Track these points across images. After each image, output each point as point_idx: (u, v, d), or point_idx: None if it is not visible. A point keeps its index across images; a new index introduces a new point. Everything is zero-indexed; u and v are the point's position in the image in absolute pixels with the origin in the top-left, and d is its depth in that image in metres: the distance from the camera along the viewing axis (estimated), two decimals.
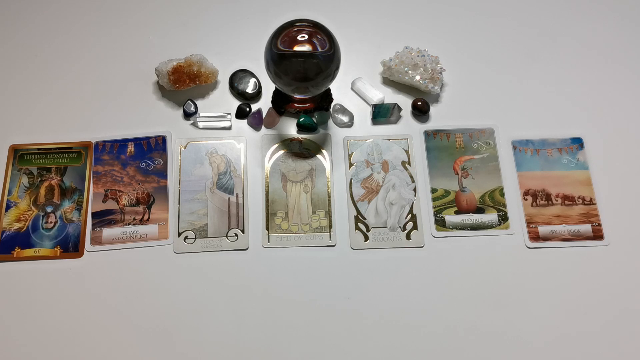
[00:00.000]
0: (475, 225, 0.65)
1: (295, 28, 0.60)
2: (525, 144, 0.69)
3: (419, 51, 0.71)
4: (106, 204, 0.65)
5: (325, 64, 0.60)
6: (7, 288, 0.61)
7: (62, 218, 0.64)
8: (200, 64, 0.70)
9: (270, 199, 0.66)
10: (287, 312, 0.60)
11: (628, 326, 0.59)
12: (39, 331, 0.59)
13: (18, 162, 0.67)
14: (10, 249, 0.63)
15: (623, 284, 0.61)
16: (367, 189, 0.67)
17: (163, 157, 0.68)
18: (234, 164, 0.67)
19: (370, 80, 0.73)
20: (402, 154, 0.68)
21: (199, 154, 0.68)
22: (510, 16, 0.78)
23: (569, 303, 0.61)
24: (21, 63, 0.73)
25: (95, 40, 0.75)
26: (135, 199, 0.65)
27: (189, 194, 0.66)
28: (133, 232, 0.64)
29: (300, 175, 0.67)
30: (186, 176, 0.67)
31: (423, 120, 0.71)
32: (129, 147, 0.68)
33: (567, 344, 0.59)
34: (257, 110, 0.70)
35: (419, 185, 0.67)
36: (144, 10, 0.77)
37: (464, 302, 0.58)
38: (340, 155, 0.68)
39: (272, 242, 0.63)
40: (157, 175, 0.67)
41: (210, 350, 0.58)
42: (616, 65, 0.74)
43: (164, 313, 0.60)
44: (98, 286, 0.61)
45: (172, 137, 0.69)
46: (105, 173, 0.67)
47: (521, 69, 0.74)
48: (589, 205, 0.65)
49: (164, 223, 0.64)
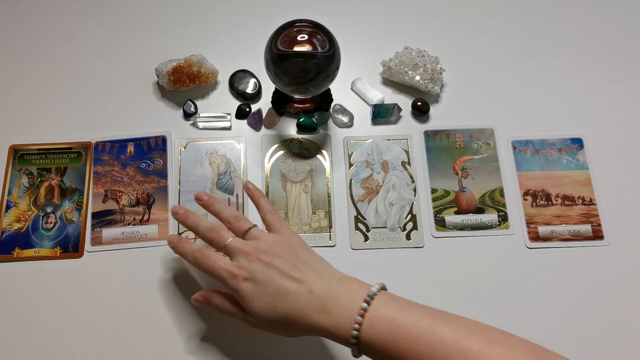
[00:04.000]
0: (475, 225, 0.65)
1: (295, 28, 0.60)
2: (525, 144, 0.69)
3: (419, 51, 0.71)
4: (106, 204, 0.65)
5: (325, 64, 0.60)
6: (7, 288, 0.61)
7: (62, 218, 0.64)
8: (200, 64, 0.69)
9: (270, 199, 0.66)
10: None
11: (628, 326, 0.59)
12: (39, 331, 0.59)
13: (18, 162, 0.67)
14: (10, 249, 0.63)
15: (623, 284, 0.61)
16: (367, 189, 0.67)
17: (163, 157, 0.68)
18: (234, 164, 0.67)
19: (370, 81, 0.73)
20: (402, 154, 0.68)
21: (198, 154, 0.68)
22: (510, 16, 0.78)
23: (569, 303, 0.61)
24: (21, 63, 0.73)
25: (95, 41, 0.75)
26: (135, 199, 0.65)
27: (189, 194, 0.66)
28: (133, 233, 0.64)
29: (300, 176, 0.67)
30: (186, 176, 0.67)
31: (423, 121, 0.71)
32: (129, 148, 0.68)
33: (567, 344, 0.59)
34: (257, 111, 0.70)
35: (418, 186, 0.67)
36: (144, 10, 0.77)
37: (464, 302, 0.58)
38: (340, 156, 0.68)
39: None
40: (157, 176, 0.67)
41: (212, 351, 0.58)
42: (616, 65, 0.74)
43: (165, 314, 0.60)
44: (98, 287, 0.61)
45: (172, 137, 0.69)
46: (105, 173, 0.67)
47: (521, 69, 0.74)
48: (588, 206, 0.65)
49: (164, 223, 0.64)
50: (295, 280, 0.49)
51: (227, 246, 0.52)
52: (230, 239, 0.52)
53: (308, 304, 0.48)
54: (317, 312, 0.47)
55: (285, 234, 0.54)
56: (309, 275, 0.49)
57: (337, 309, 0.47)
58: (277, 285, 0.49)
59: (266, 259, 0.50)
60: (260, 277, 0.49)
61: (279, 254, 0.51)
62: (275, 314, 0.49)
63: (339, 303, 0.47)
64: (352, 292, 0.48)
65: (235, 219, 0.55)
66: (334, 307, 0.47)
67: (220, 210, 0.56)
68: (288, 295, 0.48)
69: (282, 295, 0.48)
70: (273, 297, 0.49)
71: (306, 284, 0.49)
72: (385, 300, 0.47)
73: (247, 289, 0.49)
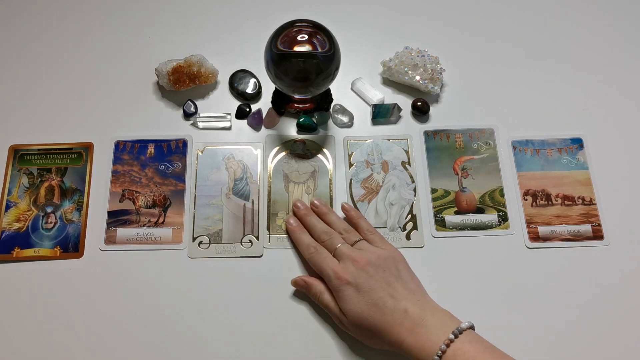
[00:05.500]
0: (475, 225, 0.65)
1: (295, 28, 0.60)
2: (525, 144, 0.69)
3: (419, 51, 0.71)
4: (123, 203, 0.65)
5: (325, 64, 0.60)
6: (7, 288, 0.61)
7: (62, 218, 0.64)
8: (200, 64, 0.69)
9: (272, 200, 0.66)
10: (288, 315, 0.60)
11: (628, 326, 0.59)
12: (38, 331, 0.59)
13: (18, 162, 0.67)
14: (9, 249, 0.63)
15: (623, 284, 0.61)
16: (367, 189, 0.67)
17: (182, 160, 0.67)
18: (251, 170, 0.67)
19: (370, 81, 0.73)
20: (402, 154, 0.68)
21: (215, 159, 0.68)
22: (510, 16, 0.78)
23: (569, 303, 0.61)
24: (21, 63, 0.73)
25: (95, 41, 0.75)
26: (151, 200, 0.65)
27: (204, 198, 0.65)
28: (147, 235, 0.63)
29: (303, 177, 0.67)
30: (202, 181, 0.66)
31: (423, 121, 0.71)
32: (150, 149, 0.68)
33: (567, 344, 0.59)
34: (257, 111, 0.70)
35: (419, 186, 0.67)
36: (144, 10, 0.77)
37: (463, 302, 0.58)
38: (341, 156, 0.68)
39: (273, 242, 0.63)
40: (175, 179, 0.66)
41: (212, 356, 0.58)
42: (616, 65, 0.74)
43: (166, 318, 0.60)
44: (98, 287, 0.61)
45: (192, 141, 0.68)
46: (124, 173, 0.66)
47: (521, 69, 0.74)
48: (588, 206, 0.65)
49: (179, 227, 0.64)
50: (393, 297, 0.53)
51: (337, 250, 0.58)
52: (340, 245, 0.58)
53: (401, 321, 0.52)
54: (407, 331, 0.51)
55: (390, 250, 0.58)
56: (406, 296, 0.53)
57: (426, 334, 0.50)
58: (376, 296, 0.53)
59: (371, 270, 0.55)
60: (363, 284, 0.54)
61: (382, 267, 0.55)
62: (367, 322, 0.53)
63: (429, 329, 0.51)
64: (443, 322, 0.51)
65: (346, 231, 0.60)
66: (424, 331, 0.51)
67: (334, 222, 0.62)
68: (384, 308, 0.52)
69: (378, 307, 0.53)
70: (370, 306, 0.53)
71: (403, 303, 0.53)
72: (471, 339, 0.50)
73: (347, 291, 0.54)
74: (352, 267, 0.55)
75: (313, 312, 0.60)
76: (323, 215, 0.63)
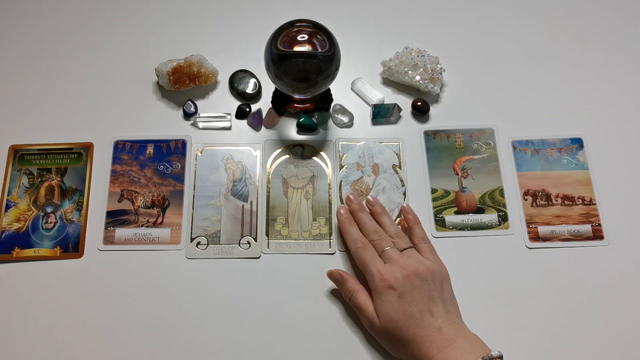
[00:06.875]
0: (475, 225, 0.65)
1: (295, 28, 0.60)
2: (525, 144, 0.69)
3: (419, 51, 0.71)
4: (121, 203, 0.65)
5: (325, 64, 0.60)
6: (7, 288, 0.61)
7: (62, 218, 0.64)
8: (200, 64, 0.69)
9: (270, 205, 0.65)
10: (285, 317, 0.60)
11: (628, 326, 0.59)
12: (38, 331, 0.59)
13: (18, 162, 0.67)
14: (9, 249, 0.63)
15: (623, 284, 0.61)
16: (357, 191, 0.66)
17: (181, 161, 0.67)
18: (250, 171, 0.67)
19: (370, 81, 0.73)
20: (394, 158, 0.68)
21: (214, 160, 0.68)
22: (510, 16, 0.78)
23: (569, 303, 0.61)
24: (21, 63, 0.73)
25: (95, 41, 0.75)
26: (150, 201, 0.65)
27: (203, 199, 0.65)
28: (145, 235, 0.63)
29: (301, 182, 0.67)
30: (201, 181, 0.66)
31: (423, 121, 0.71)
32: (149, 149, 0.68)
33: (567, 344, 0.59)
34: (257, 111, 0.70)
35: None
36: (144, 10, 0.77)
37: (463, 303, 0.58)
38: (332, 158, 0.68)
39: (272, 248, 0.63)
40: (174, 179, 0.66)
41: (211, 357, 0.58)
42: (616, 65, 0.74)
43: (166, 318, 0.60)
44: (98, 287, 0.61)
45: (191, 141, 0.68)
46: (123, 172, 0.66)
47: (521, 69, 0.74)
48: (588, 206, 0.65)
49: (177, 228, 0.64)
50: (432, 313, 0.53)
51: (385, 252, 0.57)
52: (388, 247, 0.57)
53: (433, 338, 0.52)
54: (437, 348, 0.51)
55: (438, 265, 0.57)
56: (443, 315, 0.53)
57: (455, 355, 0.51)
58: (416, 308, 0.53)
59: (417, 280, 0.54)
60: (406, 293, 0.53)
61: (428, 280, 0.54)
62: (400, 331, 0.53)
63: (458, 351, 0.51)
64: (473, 347, 0.52)
65: (397, 236, 0.59)
66: (453, 352, 0.51)
67: (387, 224, 0.61)
68: (421, 322, 0.52)
69: (415, 319, 0.52)
70: (407, 316, 0.52)
71: (439, 321, 0.53)
72: None
73: (388, 296, 0.53)
74: (398, 273, 0.54)
75: (312, 313, 0.60)
76: (376, 215, 0.62)
